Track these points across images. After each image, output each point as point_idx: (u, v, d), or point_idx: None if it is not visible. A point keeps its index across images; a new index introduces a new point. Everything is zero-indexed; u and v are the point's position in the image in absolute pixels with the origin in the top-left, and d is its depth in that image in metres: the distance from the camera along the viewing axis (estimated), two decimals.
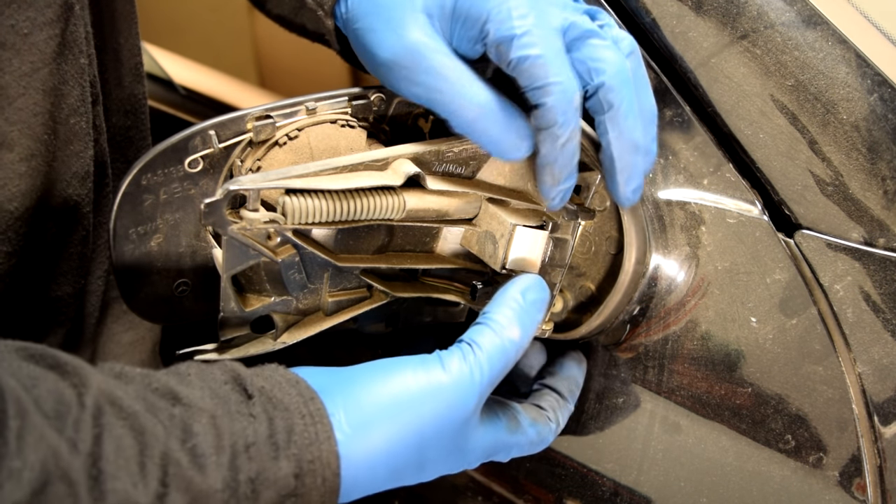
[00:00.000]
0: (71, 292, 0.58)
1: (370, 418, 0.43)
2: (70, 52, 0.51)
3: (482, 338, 0.48)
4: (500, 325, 0.48)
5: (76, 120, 0.53)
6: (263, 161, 0.53)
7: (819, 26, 0.53)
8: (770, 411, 0.53)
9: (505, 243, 0.54)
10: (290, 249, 0.50)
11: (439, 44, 0.48)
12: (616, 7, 0.58)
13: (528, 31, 0.47)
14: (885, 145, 0.51)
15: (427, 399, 0.45)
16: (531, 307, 0.50)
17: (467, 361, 0.46)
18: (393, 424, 0.44)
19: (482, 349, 0.47)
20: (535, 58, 0.47)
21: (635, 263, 0.56)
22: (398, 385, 0.45)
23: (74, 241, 0.56)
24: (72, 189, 0.54)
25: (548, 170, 0.50)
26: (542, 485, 0.64)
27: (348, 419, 0.43)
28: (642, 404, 0.58)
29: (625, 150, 0.50)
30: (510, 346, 0.48)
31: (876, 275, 0.51)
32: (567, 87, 0.48)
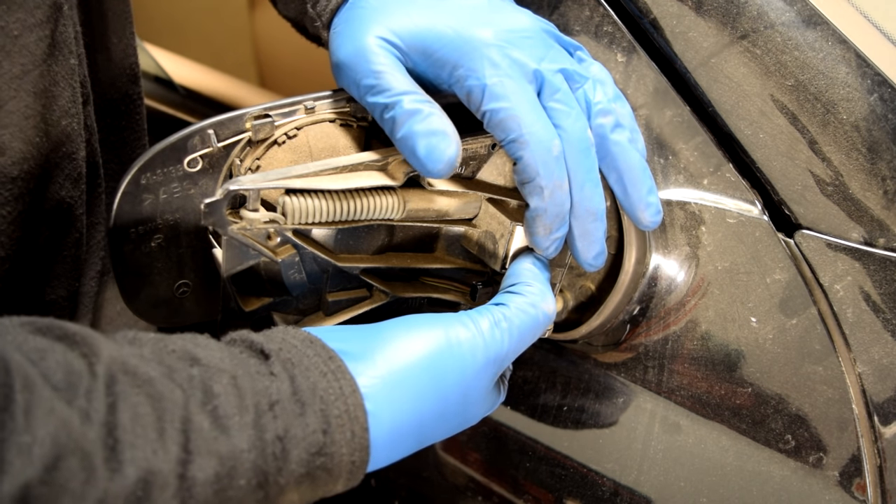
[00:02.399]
0: (65, 295, 0.58)
1: (397, 377, 0.43)
2: (60, 53, 0.51)
3: (515, 304, 0.48)
4: (534, 297, 0.49)
5: (68, 122, 0.53)
6: (262, 160, 0.53)
7: (819, 26, 0.53)
8: (770, 411, 0.53)
9: (505, 243, 0.54)
10: (290, 249, 0.50)
11: (387, 54, 0.49)
12: (616, 7, 0.58)
13: (499, 81, 0.47)
14: (885, 145, 0.51)
15: (452, 360, 0.45)
16: (544, 270, 0.51)
17: (498, 327, 0.46)
18: (419, 383, 0.43)
19: (512, 316, 0.47)
20: (506, 109, 0.47)
21: (635, 263, 0.56)
22: (424, 344, 0.44)
23: (68, 243, 0.56)
24: (65, 191, 0.54)
25: (538, 221, 0.50)
26: (542, 485, 0.64)
27: (372, 375, 0.42)
28: (642, 404, 0.58)
29: (582, 218, 0.50)
30: (543, 318, 0.49)
31: (876, 275, 0.51)
32: (542, 138, 0.47)
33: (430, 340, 0.45)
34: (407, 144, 0.47)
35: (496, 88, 0.47)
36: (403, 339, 0.44)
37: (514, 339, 0.47)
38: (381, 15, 0.49)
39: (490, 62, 0.47)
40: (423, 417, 0.44)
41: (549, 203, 0.49)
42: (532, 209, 0.49)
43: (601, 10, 0.58)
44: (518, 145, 0.47)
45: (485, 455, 0.68)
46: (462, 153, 0.53)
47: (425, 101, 0.47)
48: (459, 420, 0.47)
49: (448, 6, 0.50)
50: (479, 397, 0.47)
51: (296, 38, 0.66)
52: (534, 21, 0.51)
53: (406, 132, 0.46)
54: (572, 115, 0.49)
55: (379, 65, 0.48)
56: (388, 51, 0.49)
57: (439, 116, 0.47)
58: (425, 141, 0.46)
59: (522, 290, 0.49)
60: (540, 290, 0.49)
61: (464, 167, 0.54)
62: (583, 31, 0.59)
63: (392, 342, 0.44)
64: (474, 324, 0.46)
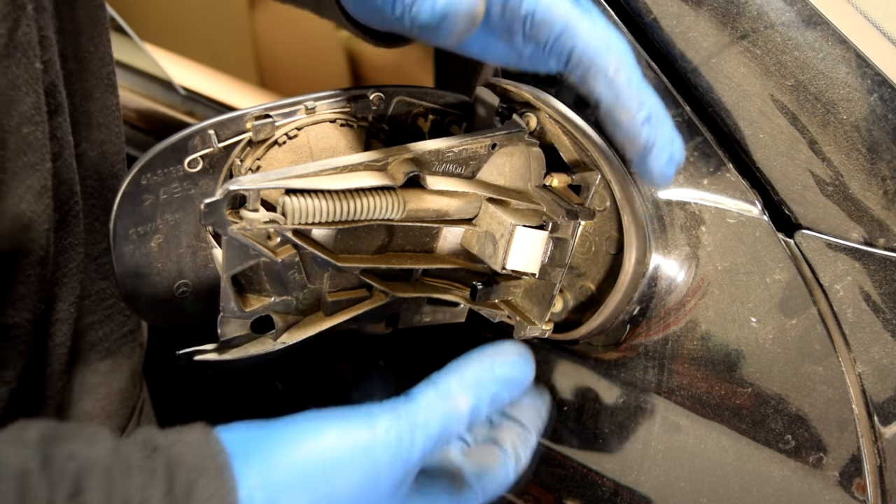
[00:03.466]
0: (30, 318, 0.54)
1: (283, 483, 0.39)
2: (23, 55, 0.48)
3: (423, 399, 0.43)
4: (447, 390, 0.43)
5: (30, 129, 0.49)
6: (263, 160, 0.53)
7: (819, 26, 0.53)
8: (770, 411, 0.53)
9: (505, 243, 0.54)
10: (290, 249, 0.50)
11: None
12: (616, 7, 0.58)
13: None
14: (885, 145, 0.51)
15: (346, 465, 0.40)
16: (497, 383, 0.45)
17: (397, 426, 0.41)
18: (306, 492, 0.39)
19: (418, 413, 0.42)
20: (548, 3, 0.43)
21: (635, 263, 0.56)
22: (316, 447, 0.40)
23: (31, 262, 0.52)
24: (25, 204, 0.50)
25: (617, 105, 0.44)
26: (542, 485, 0.64)
27: (261, 482, 0.38)
28: (642, 404, 0.58)
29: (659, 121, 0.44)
30: (453, 415, 0.43)
31: (876, 275, 0.51)
32: (589, 25, 0.43)
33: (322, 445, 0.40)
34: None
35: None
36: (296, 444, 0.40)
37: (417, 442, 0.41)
38: None
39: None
40: None
41: (619, 82, 0.43)
42: (602, 98, 0.44)
43: (601, 9, 0.58)
44: (568, 36, 0.43)
45: None
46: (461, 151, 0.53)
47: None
48: None
49: None
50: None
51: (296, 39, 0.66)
52: None
53: None
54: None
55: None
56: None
57: None
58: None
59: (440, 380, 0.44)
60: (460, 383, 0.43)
61: (464, 167, 0.54)
62: None
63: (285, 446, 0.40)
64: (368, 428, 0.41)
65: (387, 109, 0.56)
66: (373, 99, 0.55)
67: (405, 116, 0.58)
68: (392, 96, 0.56)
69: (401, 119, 0.58)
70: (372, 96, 0.55)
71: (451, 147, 0.53)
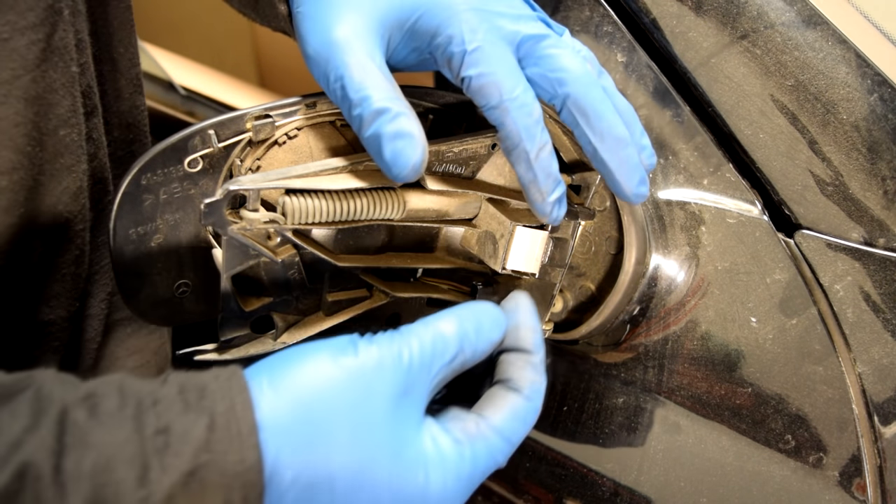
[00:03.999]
0: (65, 316, 0.55)
1: (290, 383, 0.39)
2: (60, 59, 0.49)
3: (408, 327, 0.44)
4: (429, 321, 0.44)
5: (66, 131, 0.50)
6: (263, 160, 0.53)
7: (819, 26, 0.53)
8: (770, 411, 0.53)
9: (505, 243, 0.54)
10: (290, 249, 0.50)
11: (361, 44, 0.46)
12: (616, 7, 0.58)
13: (478, 47, 0.46)
14: (885, 145, 0.51)
15: (339, 385, 0.40)
16: (472, 315, 0.45)
17: (387, 347, 0.42)
18: (316, 392, 0.39)
19: (405, 337, 0.43)
20: (486, 75, 0.46)
21: (635, 263, 0.56)
22: (319, 358, 0.41)
23: (66, 261, 0.54)
24: (62, 205, 0.51)
25: (532, 187, 0.48)
26: (542, 485, 0.64)
27: (266, 381, 0.39)
28: (642, 404, 0.58)
29: (612, 149, 0.48)
30: (439, 337, 0.43)
31: (876, 275, 0.51)
32: (524, 102, 0.46)
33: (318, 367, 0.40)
34: (373, 146, 0.45)
35: (475, 55, 0.46)
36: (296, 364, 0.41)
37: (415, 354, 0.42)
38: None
39: (468, 27, 0.46)
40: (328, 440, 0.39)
41: (537, 167, 0.47)
42: (521, 176, 0.48)
43: (601, 9, 0.58)
44: (500, 112, 0.46)
45: None
46: (461, 151, 0.53)
47: (394, 98, 0.45)
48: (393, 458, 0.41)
49: None
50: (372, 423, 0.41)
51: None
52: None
53: (372, 133, 0.45)
54: (570, 54, 0.47)
55: (349, 58, 0.45)
56: (359, 38, 0.46)
57: (407, 117, 0.45)
58: (391, 144, 0.44)
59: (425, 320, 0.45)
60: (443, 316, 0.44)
61: (464, 167, 0.54)
62: (583, 31, 0.59)
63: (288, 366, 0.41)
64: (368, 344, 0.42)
65: None
66: None
67: None
68: None
69: None
70: None
71: (451, 147, 0.53)
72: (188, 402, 0.37)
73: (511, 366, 0.47)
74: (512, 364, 0.47)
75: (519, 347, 0.47)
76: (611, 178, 0.49)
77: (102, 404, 0.36)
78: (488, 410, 0.45)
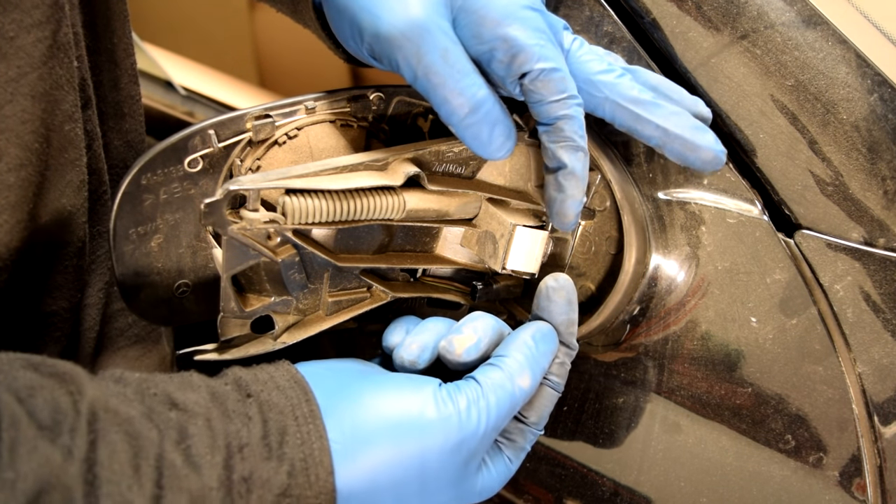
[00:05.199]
0: (67, 307, 0.56)
1: (369, 432, 0.43)
2: (65, 55, 0.49)
3: (492, 380, 0.47)
4: (511, 370, 0.47)
5: (71, 126, 0.51)
6: (263, 160, 0.53)
7: (819, 26, 0.53)
8: (770, 411, 0.53)
9: (505, 243, 0.54)
10: (290, 249, 0.50)
11: (446, 25, 0.47)
12: (616, 7, 0.58)
13: (545, 44, 0.47)
14: (885, 145, 0.51)
15: (429, 431, 0.44)
16: (542, 356, 0.49)
17: (476, 405, 0.45)
18: (393, 446, 0.43)
19: (492, 393, 0.46)
20: (556, 70, 0.47)
21: (635, 263, 0.56)
22: (401, 407, 0.44)
23: (69, 253, 0.54)
24: (66, 199, 0.52)
25: (573, 183, 0.50)
26: (542, 485, 0.64)
27: (346, 427, 0.43)
28: (642, 404, 0.58)
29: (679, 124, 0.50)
30: (519, 394, 0.47)
31: (876, 275, 0.51)
32: (580, 101, 0.49)
33: (406, 408, 0.44)
34: (472, 133, 0.48)
35: (544, 50, 0.47)
36: (380, 401, 0.44)
37: (492, 419, 0.46)
38: None
39: (532, 24, 0.48)
40: (397, 477, 0.43)
41: (583, 165, 0.50)
42: (569, 169, 0.50)
43: (601, 9, 0.58)
44: (560, 105, 0.48)
45: None
46: (461, 151, 0.53)
47: (486, 86, 0.47)
48: (455, 495, 0.47)
49: None
50: (443, 481, 0.45)
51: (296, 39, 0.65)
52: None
53: (473, 121, 0.47)
54: (605, 61, 0.51)
55: (440, 45, 0.46)
56: (441, 23, 0.47)
57: (500, 106, 0.48)
58: (491, 132, 0.48)
59: (501, 364, 0.48)
60: (519, 364, 0.48)
61: (464, 167, 0.54)
62: (583, 31, 0.59)
63: (370, 400, 0.44)
64: (452, 402, 0.45)
65: (387, 109, 0.56)
66: (373, 99, 0.55)
67: (405, 116, 0.58)
68: (392, 96, 0.56)
69: (400, 119, 0.58)
70: (372, 96, 0.55)
71: (451, 147, 0.53)
72: (270, 447, 0.40)
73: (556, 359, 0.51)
74: (556, 358, 0.51)
75: (566, 343, 0.51)
76: (691, 148, 0.51)
77: (195, 447, 0.38)
78: (534, 413, 0.50)
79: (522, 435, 0.50)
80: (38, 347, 0.56)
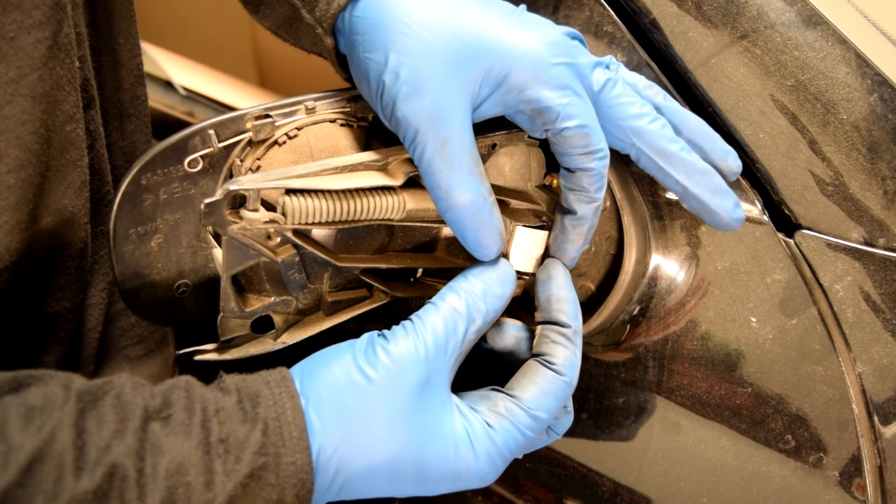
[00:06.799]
0: (69, 307, 0.56)
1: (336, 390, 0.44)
2: (66, 56, 0.49)
3: (425, 313, 0.48)
4: (438, 298, 0.48)
5: (72, 127, 0.51)
6: (263, 160, 0.53)
7: (819, 26, 0.53)
8: (770, 411, 0.53)
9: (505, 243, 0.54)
10: (290, 249, 0.50)
11: (459, 110, 0.47)
12: (616, 7, 0.58)
13: (570, 101, 0.48)
14: (885, 145, 0.51)
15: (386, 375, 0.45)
16: (479, 276, 0.49)
17: (400, 342, 0.46)
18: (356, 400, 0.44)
19: (418, 318, 0.47)
20: (580, 127, 0.48)
21: (635, 263, 0.56)
22: (345, 364, 0.45)
23: (71, 254, 0.54)
24: (67, 199, 0.52)
25: (579, 230, 0.51)
26: (542, 485, 0.64)
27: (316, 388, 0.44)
28: (642, 404, 0.58)
29: (700, 183, 0.50)
30: (452, 315, 0.47)
31: (876, 275, 0.51)
32: (606, 155, 0.49)
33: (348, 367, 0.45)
34: (456, 229, 0.48)
35: (570, 108, 0.48)
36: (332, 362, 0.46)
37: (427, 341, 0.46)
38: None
39: (558, 83, 0.48)
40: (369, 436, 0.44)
41: (594, 214, 0.51)
42: (580, 217, 0.51)
43: (601, 9, 0.58)
44: (586, 158, 0.49)
45: None
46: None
47: (485, 187, 0.47)
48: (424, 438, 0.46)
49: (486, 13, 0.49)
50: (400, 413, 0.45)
51: None
52: (555, 26, 0.51)
53: (453, 218, 0.48)
54: (636, 103, 0.50)
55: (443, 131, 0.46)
56: (455, 106, 0.47)
57: (489, 212, 0.48)
58: (474, 235, 0.48)
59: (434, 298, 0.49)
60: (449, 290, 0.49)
61: None
62: (583, 31, 0.59)
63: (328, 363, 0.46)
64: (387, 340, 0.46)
65: None
66: None
67: None
68: None
69: None
70: None
71: None
72: (245, 411, 0.42)
73: (545, 339, 0.50)
74: (546, 337, 0.50)
75: (553, 320, 0.50)
76: (707, 210, 0.51)
77: (175, 413, 0.41)
78: (518, 387, 0.48)
79: (503, 402, 0.48)
80: (41, 348, 0.56)
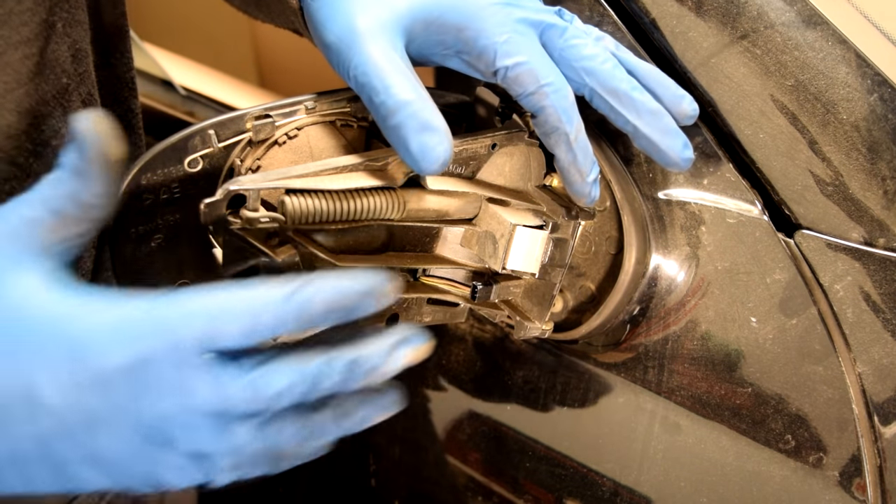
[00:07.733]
0: None
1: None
2: (51, 72, 0.49)
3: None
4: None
5: (58, 142, 0.50)
6: (263, 160, 0.53)
7: (819, 26, 0.53)
8: (770, 411, 0.53)
9: (505, 243, 0.54)
10: (290, 249, 0.50)
11: (386, 34, 0.46)
12: (616, 7, 0.58)
13: (508, 38, 0.47)
14: (885, 145, 0.51)
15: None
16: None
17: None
18: None
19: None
20: (522, 64, 0.47)
21: (635, 263, 0.56)
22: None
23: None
24: None
25: (572, 168, 0.51)
26: (542, 485, 0.64)
27: None
28: (642, 404, 0.58)
29: (651, 122, 0.50)
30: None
31: (876, 275, 0.51)
32: (559, 86, 0.48)
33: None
34: (397, 137, 0.45)
35: (508, 45, 0.47)
36: None
37: None
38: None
39: (496, 20, 0.47)
40: None
41: (576, 147, 0.50)
42: (561, 159, 0.50)
43: (601, 9, 0.58)
44: (538, 97, 0.48)
45: (485, 455, 0.68)
46: (461, 151, 0.53)
47: (419, 90, 0.44)
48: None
49: None
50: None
51: (296, 39, 0.65)
52: None
53: (397, 123, 0.44)
54: (589, 43, 0.50)
55: (371, 47, 0.45)
56: (382, 29, 0.46)
57: (433, 110, 0.44)
58: (418, 137, 0.44)
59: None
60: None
61: (464, 167, 0.54)
62: None
63: None
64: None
65: None
66: None
67: None
68: None
69: None
70: None
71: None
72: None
73: None
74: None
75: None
76: (656, 150, 0.51)
77: None
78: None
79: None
80: None
